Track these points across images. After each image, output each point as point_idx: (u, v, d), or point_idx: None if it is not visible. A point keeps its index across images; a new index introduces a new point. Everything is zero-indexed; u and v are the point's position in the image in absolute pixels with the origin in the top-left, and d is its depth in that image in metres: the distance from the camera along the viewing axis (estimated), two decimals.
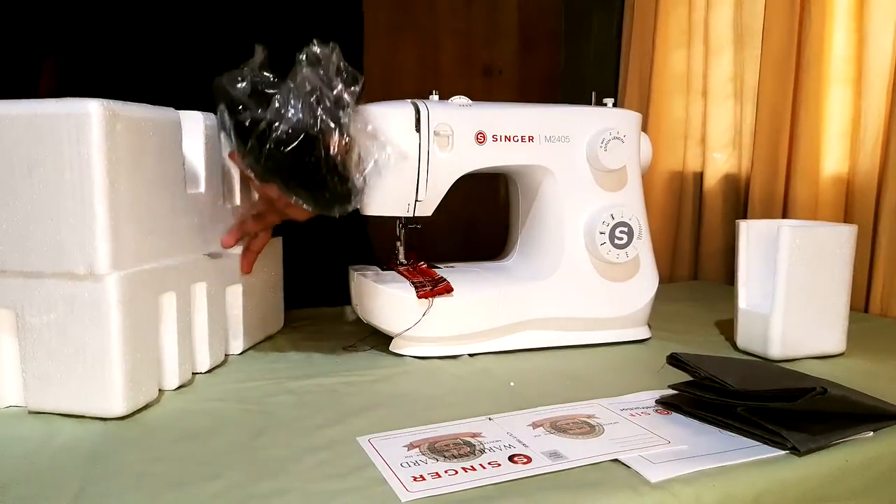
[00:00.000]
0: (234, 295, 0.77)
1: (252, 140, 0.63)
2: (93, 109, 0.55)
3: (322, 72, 0.63)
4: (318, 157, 0.64)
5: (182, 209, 0.67)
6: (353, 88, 0.65)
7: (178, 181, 0.66)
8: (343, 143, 0.64)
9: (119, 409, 0.58)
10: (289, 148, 0.63)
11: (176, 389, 0.67)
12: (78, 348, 0.57)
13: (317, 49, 0.63)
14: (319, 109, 0.63)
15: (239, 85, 0.63)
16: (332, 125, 0.63)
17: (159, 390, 0.64)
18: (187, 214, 0.68)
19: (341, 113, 0.64)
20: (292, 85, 0.63)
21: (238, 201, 0.78)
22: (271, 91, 0.63)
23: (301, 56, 0.63)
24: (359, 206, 0.70)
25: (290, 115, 0.62)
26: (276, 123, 0.62)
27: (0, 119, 0.56)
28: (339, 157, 0.65)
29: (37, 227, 0.57)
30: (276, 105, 0.62)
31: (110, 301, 0.57)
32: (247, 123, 0.63)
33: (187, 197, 0.68)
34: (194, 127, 0.69)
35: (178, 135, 0.66)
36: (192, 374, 0.70)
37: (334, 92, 0.64)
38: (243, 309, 0.77)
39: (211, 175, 0.72)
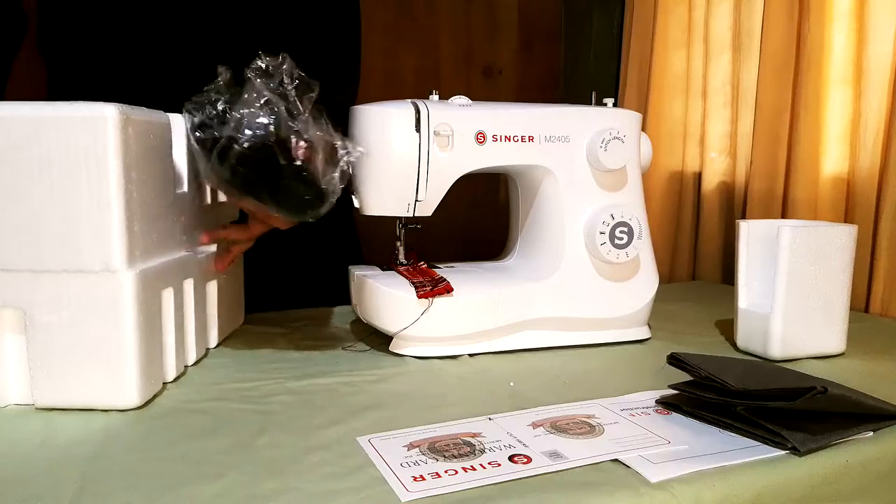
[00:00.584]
0: (212, 290, 0.79)
1: (214, 158, 0.65)
2: (109, 113, 0.57)
3: (274, 82, 0.64)
4: (279, 165, 0.65)
5: (172, 208, 0.69)
6: (309, 95, 0.66)
7: (169, 181, 0.69)
8: (302, 149, 0.65)
9: (134, 400, 0.60)
10: (248, 161, 0.64)
11: (174, 381, 0.68)
12: (92, 343, 0.59)
13: (263, 63, 0.64)
14: (272, 119, 0.64)
15: (201, 107, 0.65)
16: (288, 133, 0.64)
17: (163, 383, 0.66)
18: (176, 213, 0.70)
19: (297, 120, 0.65)
20: (245, 98, 0.64)
21: (209, 200, 0.80)
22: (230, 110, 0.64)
23: (248, 71, 0.64)
24: (333, 208, 0.71)
25: (244, 129, 0.63)
26: (234, 139, 0.64)
27: (15, 120, 0.57)
28: (300, 164, 0.65)
29: (49, 226, 0.58)
30: (232, 123, 0.64)
31: (126, 297, 0.59)
32: (208, 144, 0.65)
33: (176, 196, 0.70)
34: (178, 129, 0.71)
35: (170, 137, 0.68)
36: (185, 366, 0.72)
37: (289, 100, 0.65)
38: (218, 303, 0.80)
39: (192, 175, 0.74)
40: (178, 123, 0.71)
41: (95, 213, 0.58)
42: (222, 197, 0.82)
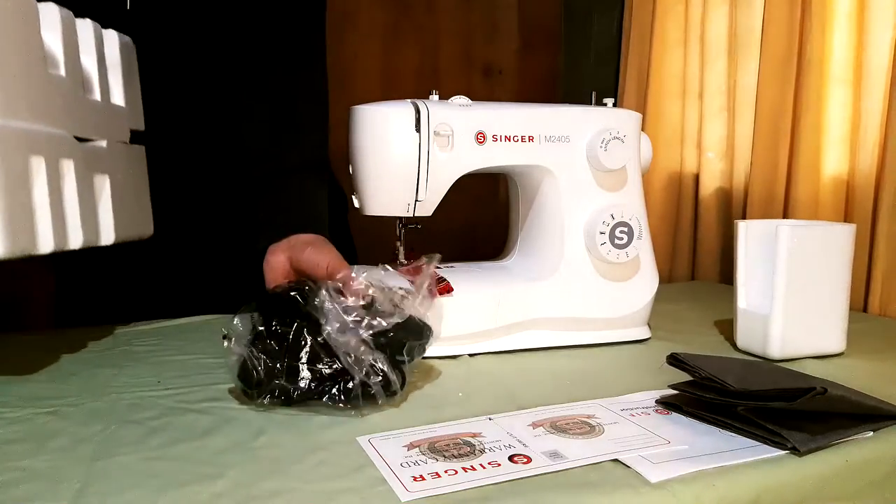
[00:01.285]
0: (102, 184, 0.77)
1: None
2: None
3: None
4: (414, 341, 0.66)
5: (44, 84, 0.68)
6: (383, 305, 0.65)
7: (37, 56, 0.67)
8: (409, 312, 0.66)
9: (1, 251, 0.58)
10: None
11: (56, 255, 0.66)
12: None
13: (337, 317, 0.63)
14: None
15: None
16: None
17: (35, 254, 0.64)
18: (50, 91, 0.69)
19: (400, 294, 0.66)
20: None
21: (98, 96, 0.78)
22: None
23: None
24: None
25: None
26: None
27: None
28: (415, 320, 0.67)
29: None
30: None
31: None
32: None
33: (48, 75, 0.69)
34: (51, 17, 0.70)
35: (33, 13, 0.67)
36: (63, 249, 0.69)
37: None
38: (112, 201, 0.78)
39: (71, 64, 0.73)
40: (49, 12, 0.69)
41: None
42: (117, 100, 0.80)
